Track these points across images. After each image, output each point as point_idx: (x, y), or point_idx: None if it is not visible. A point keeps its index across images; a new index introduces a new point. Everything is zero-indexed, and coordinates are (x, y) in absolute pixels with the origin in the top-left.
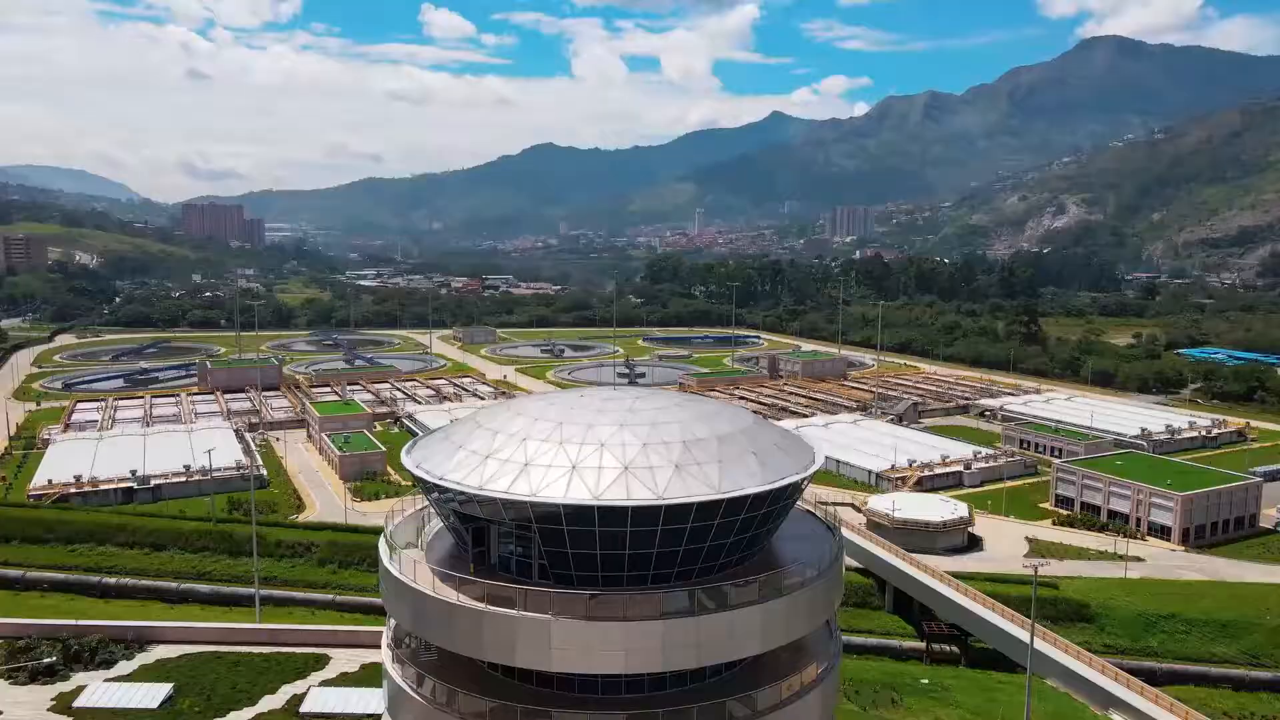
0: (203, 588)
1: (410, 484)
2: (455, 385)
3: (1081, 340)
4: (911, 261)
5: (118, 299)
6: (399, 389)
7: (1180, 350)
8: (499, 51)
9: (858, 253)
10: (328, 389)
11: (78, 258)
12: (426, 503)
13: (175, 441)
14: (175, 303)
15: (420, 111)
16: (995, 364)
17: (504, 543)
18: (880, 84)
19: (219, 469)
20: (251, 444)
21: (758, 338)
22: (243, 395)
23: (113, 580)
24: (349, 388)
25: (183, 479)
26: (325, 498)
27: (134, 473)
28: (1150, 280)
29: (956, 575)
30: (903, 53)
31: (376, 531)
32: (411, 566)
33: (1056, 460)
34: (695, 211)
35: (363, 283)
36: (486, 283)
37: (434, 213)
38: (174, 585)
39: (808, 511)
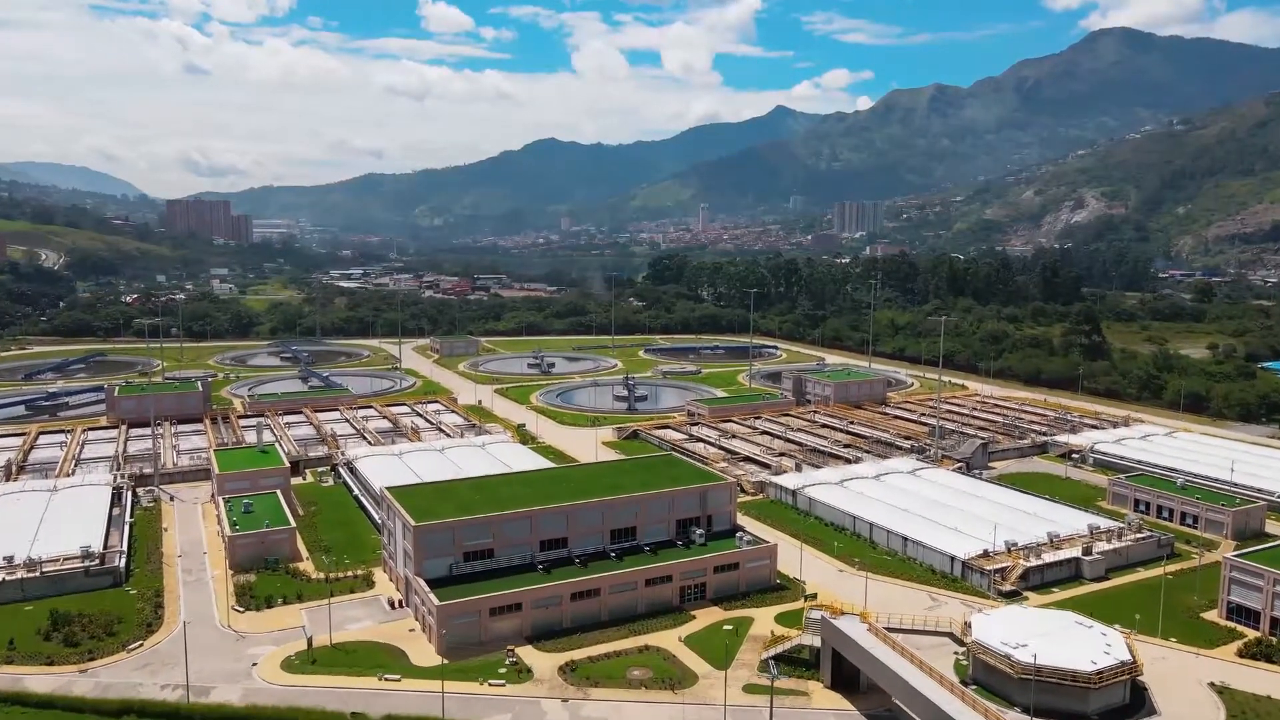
0: None
1: (322, 578)
2: (418, 414)
3: (1156, 354)
4: (941, 261)
5: (62, 304)
6: (349, 420)
7: (1264, 364)
8: (498, 46)
9: (867, 249)
10: (263, 419)
11: (43, 257)
12: None
13: (27, 507)
14: (121, 309)
15: (420, 107)
16: (1056, 382)
17: None
18: (883, 78)
19: (55, 559)
20: (127, 511)
21: (775, 348)
22: (158, 429)
23: None
24: (285, 419)
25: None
26: (199, 602)
27: None
28: (1186, 278)
29: None
30: (905, 46)
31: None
32: None
33: (1227, 556)
34: (699, 207)
35: (344, 284)
36: (477, 283)
37: (435, 209)
38: None
39: None
